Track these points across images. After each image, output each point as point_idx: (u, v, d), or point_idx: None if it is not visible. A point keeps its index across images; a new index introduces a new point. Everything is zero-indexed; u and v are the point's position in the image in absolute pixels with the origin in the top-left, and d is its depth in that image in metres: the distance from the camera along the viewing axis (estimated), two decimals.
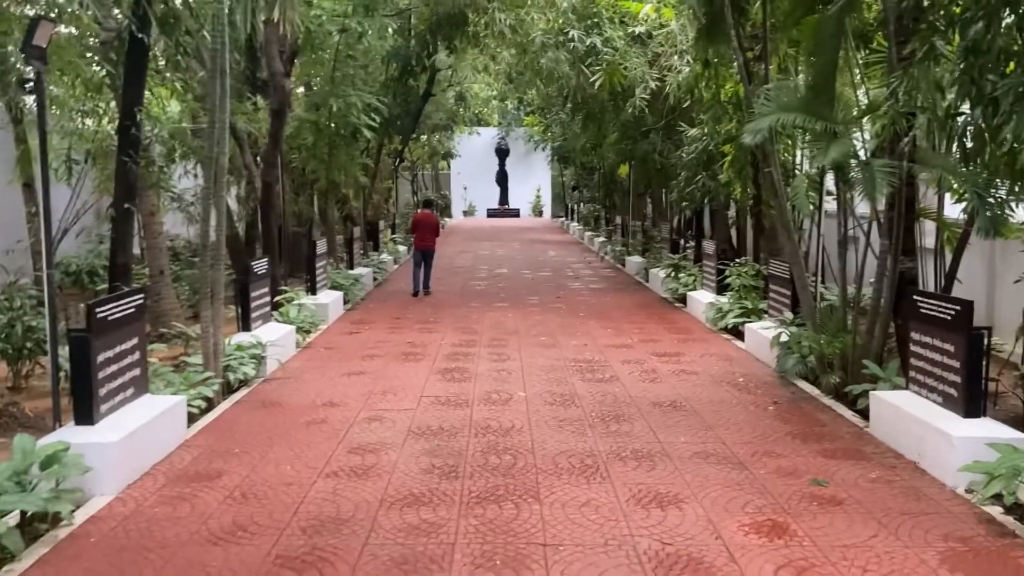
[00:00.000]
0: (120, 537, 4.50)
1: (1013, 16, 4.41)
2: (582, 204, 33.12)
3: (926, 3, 5.60)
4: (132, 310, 5.77)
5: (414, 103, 16.74)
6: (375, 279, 16.23)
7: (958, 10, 4.67)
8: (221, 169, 7.31)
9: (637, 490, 5.19)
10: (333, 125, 12.75)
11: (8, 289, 8.61)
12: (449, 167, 42.79)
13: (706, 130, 10.60)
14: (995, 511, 4.80)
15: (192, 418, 6.54)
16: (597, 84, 12.09)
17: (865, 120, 7.37)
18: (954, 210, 7.67)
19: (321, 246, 12.27)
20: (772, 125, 6.52)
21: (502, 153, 43.56)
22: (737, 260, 11.28)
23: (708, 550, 4.33)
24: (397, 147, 22.06)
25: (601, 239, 23.69)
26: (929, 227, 8.18)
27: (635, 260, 17.81)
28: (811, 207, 9.22)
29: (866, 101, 7.74)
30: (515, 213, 43.50)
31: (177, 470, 5.59)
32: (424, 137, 31.01)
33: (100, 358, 5.27)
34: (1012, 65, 4.37)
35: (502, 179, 44.03)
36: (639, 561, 4.21)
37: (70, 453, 4.65)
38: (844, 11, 6.06)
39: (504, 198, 44.26)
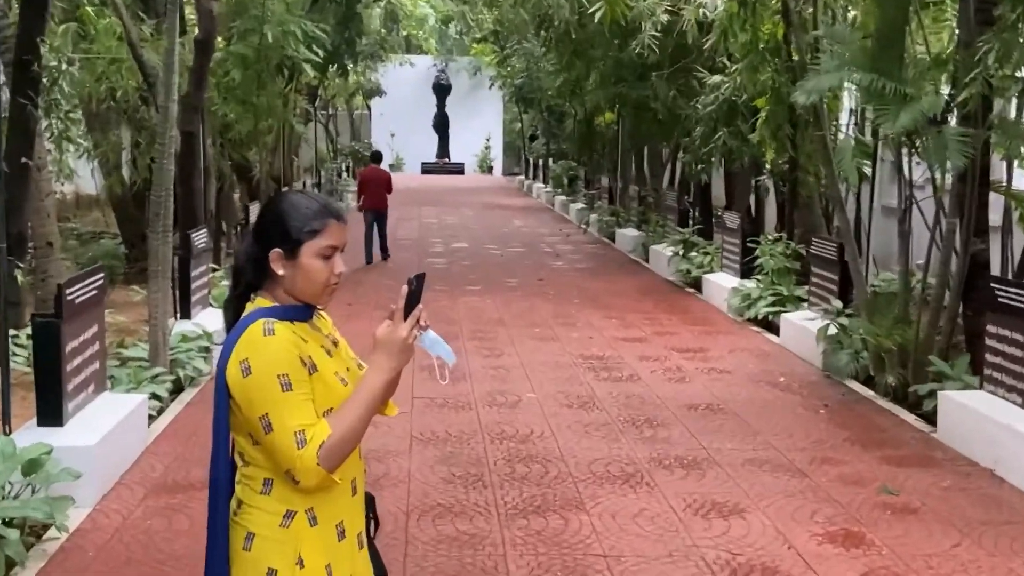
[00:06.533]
0: (121, 551, 5.18)
1: None
2: (551, 160, 33.93)
3: None
4: (95, 292, 6.38)
5: (355, 28, 17.37)
6: None
7: None
8: (172, 119, 7.89)
9: (691, 499, 6.05)
10: (264, 59, 13.30)
11: None
12: (369, 108, 42.77)
13: (739, 80, 11.48)
14: None
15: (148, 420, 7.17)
16: (596, 17, 12.86)
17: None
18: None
19: (253, 210, 12.85)
20: (835, 84, 7.40)
21: (442, 90, 43.93)
22: (767, 236, 12.22)
23: (782, 560, 5.22)
24: (312, 82, 22.26)
25: (580, 206, 24.59)
26: (995, 202, 9.21)
27: (629, 233, 18.75)
28: (859, 175, 10.25)
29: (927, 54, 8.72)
30: (458, 169, 44.07)
31: (153, 480, 6.24)
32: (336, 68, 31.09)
33: (68, 348, 5.88)
34: None
35: (442, 125, 44.41)
36: (710, 571, 5.06)
37: (52, 458, 5.28)
38: None
39: (444, 149, 44.75)
